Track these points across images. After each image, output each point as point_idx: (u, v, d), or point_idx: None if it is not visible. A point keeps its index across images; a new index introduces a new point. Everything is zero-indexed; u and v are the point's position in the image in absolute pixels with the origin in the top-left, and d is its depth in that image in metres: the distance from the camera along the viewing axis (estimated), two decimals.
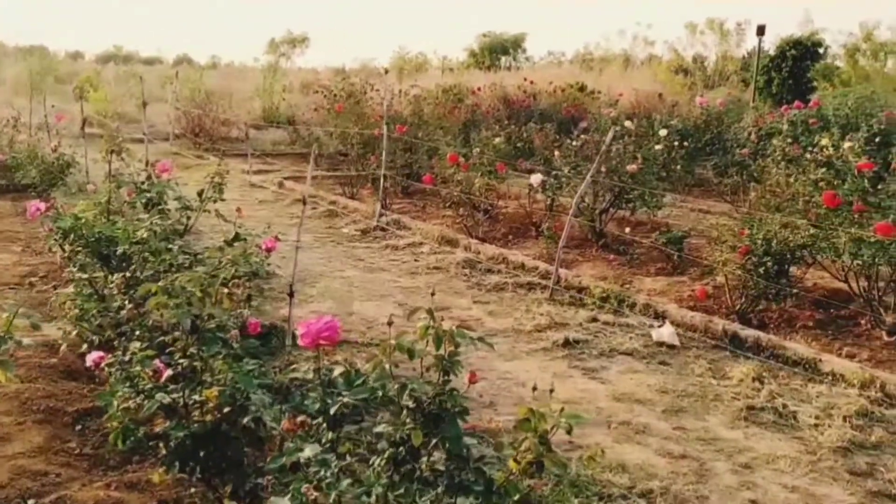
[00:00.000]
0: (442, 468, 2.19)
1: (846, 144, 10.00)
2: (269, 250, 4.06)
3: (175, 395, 2.75)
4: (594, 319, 6.07)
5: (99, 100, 16.24)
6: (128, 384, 2.81)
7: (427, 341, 2.27)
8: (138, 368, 2.83)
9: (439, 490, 2.11)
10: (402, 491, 2.10)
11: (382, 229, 8.88)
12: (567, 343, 5.54)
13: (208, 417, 2.76)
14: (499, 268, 7.48)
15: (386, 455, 2.07)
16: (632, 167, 8.48)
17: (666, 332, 5.66)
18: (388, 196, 10.44)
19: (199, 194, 4.88)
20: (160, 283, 2.79)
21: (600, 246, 8.46)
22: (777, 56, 20.75)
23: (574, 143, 9.39)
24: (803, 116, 13.04)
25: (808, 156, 8.46)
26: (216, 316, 2.71)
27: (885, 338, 5.91)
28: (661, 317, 6.12)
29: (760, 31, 20.09)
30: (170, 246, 3.81)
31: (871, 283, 6.11)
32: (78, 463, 3.61)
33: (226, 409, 2.76)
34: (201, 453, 2.74)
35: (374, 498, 2.08)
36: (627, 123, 11.76)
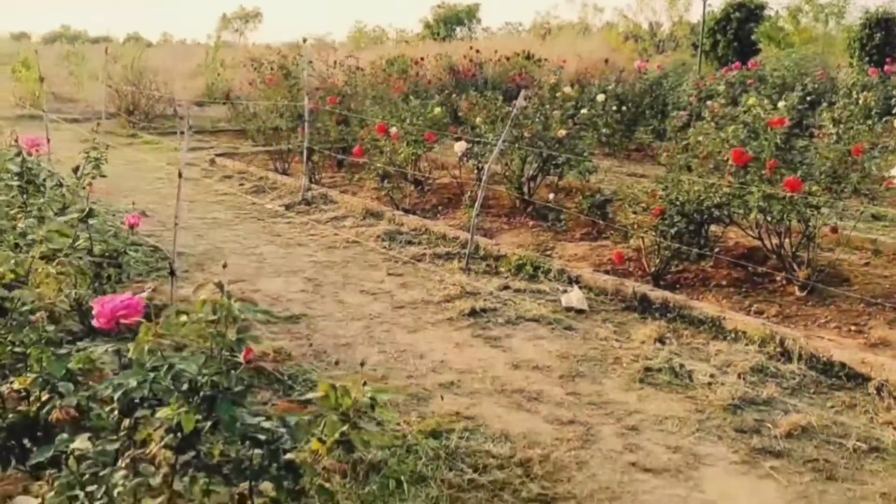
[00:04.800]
0: (236, 453, 2.06)
1: (780, 104, 9.99)
2: (132, 226, 3.88)
3: None
4: (506, 287, 5.97)
5: (31, 79, 15.71)
6: None
7: (220, 318, 2.09)
8: None
9: (227, 476, 1.98)
10: (187, 479, 1.97)
11: (308, 203, 8.70)
12: (474, 312, 5.43)
13: (22, 407, 2.61)
14: (420, 239, 7.35)
15: (163, 442, 1.93)
16: (560, 132, 8.36)
17: (574, 298, 5.58)
18: (320, 170, 10.25)
19: (75, 170, 4.66)
20: None
21: (528, 214, 8.35)
22: (722, 18, 20.69)
23: (507, 109, 9.23)
24: (741, 77, 13.02)
25: (740, 116, 8.42)
26: (25, 298, 2.54)
27: (798, 293, 5.89)
28: (574, 282, 6.04)
29: None
30: (20, 224, 3.61)
31: (782, 240, 6.07)
32: None
33: (44, 397, 2.60)
34: (16, 444, 2.58)
35: (155, 489, 1.95)
36: (567, 89, 11.62)
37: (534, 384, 4.42)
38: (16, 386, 2.66)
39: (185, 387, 1.91)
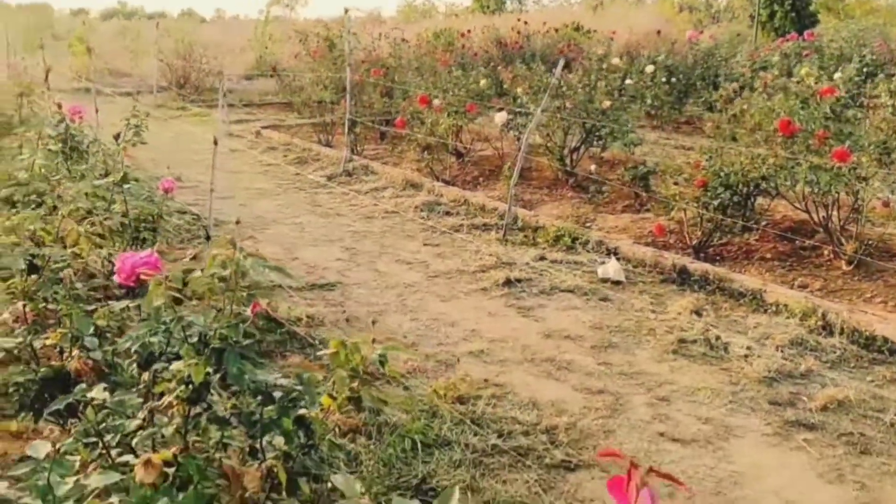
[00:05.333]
0: (247, 407, 2.09)
1: (836, 76, 9.65)
2: (167, 190, 3.95)
3: (19, 340, 2.67)
4: (542, 258, 5.92)
5: (82, 53, 16.09)
6: None
7: (231, 275, 2.10)
8: None
9: (237, 429, 2.01)
10: (199, 432, 2.01)
11: (349, 174, 8.74)
12: (508, 282, 5.41)
13: (54, 362, 2.69)
14: (458, 210, 7.33)
15: (175, 393, 1.97)
16: (605, 103, 8.23)
17: (611, 269, 5.51)
18: (362, 142, 10.27)
19: (116, 137, 4.75)
20: (3, 222, 2.68)
21: (569, 186, 8.25)
22: None
23: (550, 80, 9.10)
24: (797, 48, 12.61)
25: (791, 87, 8.16)
26: (55, 256, 2.61)
27: (845, 267, 5.72)
28: (612, 253, 5.96)
29: None
30: (60, 187, 3.70)
31: (829, 213, 5.89)
32: None
33: (75, 352, 2.68)
34: (49, 397, 2.66)
35: (168, 439, 1.99)
36: (615, 61, 11.42)
37: (565, 353, 4.39)
38: (49, 341, 2.75)
39: (195, 339, 1.94)
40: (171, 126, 11.61)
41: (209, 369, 1.96)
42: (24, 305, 2.66)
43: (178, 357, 2.14)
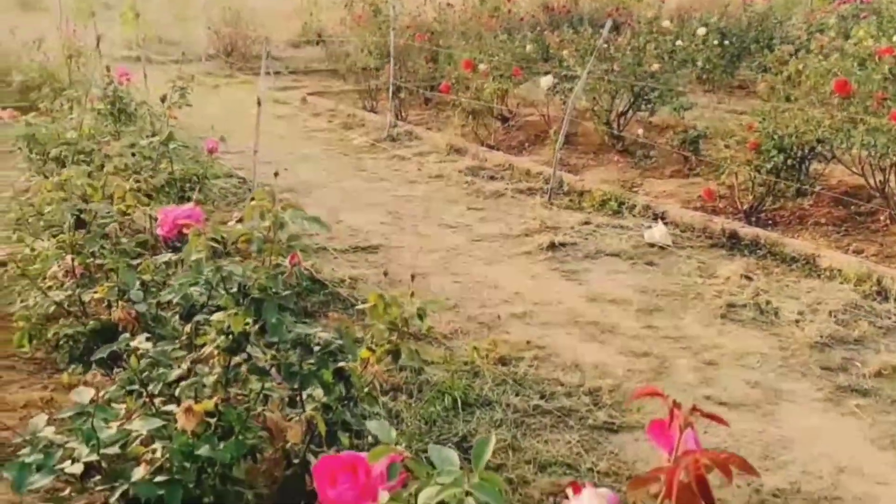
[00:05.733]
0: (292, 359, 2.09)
1: None
2: (211, 151, 3.98)
3: (68, 293, 2.72)
4: (587, 222, 5.84)
5: (132, 21, 16.28)
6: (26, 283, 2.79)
7: (270, 228, 2.08)
8: (38, 266, 2.81)
9: (275, 381, 2.02)
10: (240, 383, 2.02)
11: (393, 140, 8.71)
12: (552, 246, 5.34)
13: (103, 316, 2.74)
14: (503, 175, 7.26)
15: (216, 344, 1.98)
16: (654, 66, 8.04)
17: (658, 233, 5.41)
18: (407, 107, 10.22)
19: (162, 99, 4.79)
20: (52, 179, 2.73)
21: (617, 150, 8.10)
22: None
23: (599, 42, 8.92)
24: (855, 10, 12.13)
25: (848, 49, 7.85)
26: (101, 211, 2.64)
27: None
28: (659, 218, 5.85)
29: None
30: (108, 147, 3.74)
31: (886, 177, 5.68)
32: (24, 367, 3.67)
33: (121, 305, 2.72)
34: (97, 347, 2.71)
35: (208, 389, 2.01)
36: (666, 23, 11.15)
37: (609, 317, 4.33)
38: (97, 295, 2.80)
39: (234, 290, 1.94)
40: (218, 93, 11.70)
41: (248, 320, 1.97)
42: (73, 259, 2.70)
43: (219, 309, 2.16)
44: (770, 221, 5.93)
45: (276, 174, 2.37)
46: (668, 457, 0.94)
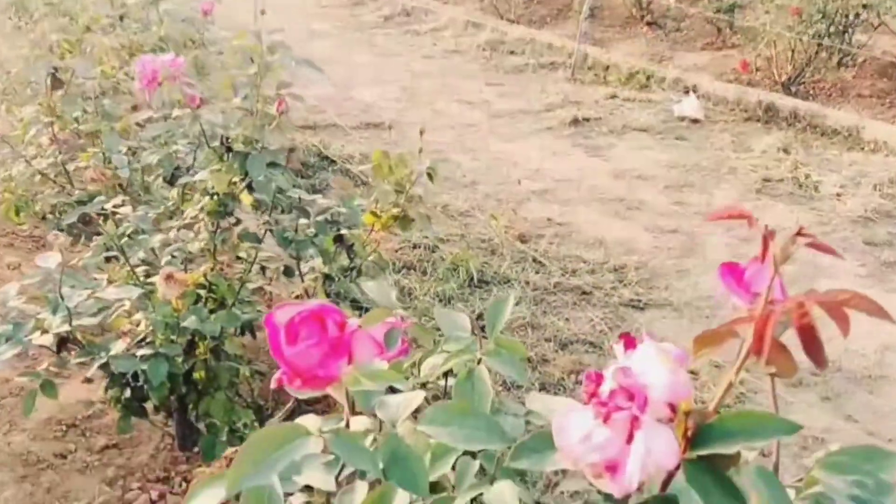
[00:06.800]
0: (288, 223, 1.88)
1: None
2: (206, 13, 3.66)
3: (51, 160, 2.50)
4: (613, 97, 5.48)
5: None
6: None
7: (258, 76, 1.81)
8: (20, 132, 2.58)
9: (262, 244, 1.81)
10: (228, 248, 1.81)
11: (408, 14, 8.24)
12: (576, 122, 5.03)
13: (90, 187, 2.52)
14: (523, 49, 6.84)
15: (201, 205, 1.76)
16: None
17: (689, 106, 5.06)
18: None
19: None
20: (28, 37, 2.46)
21: (646, 23, 7.61)
22: None
23: None
24: None
25: None
26: (80, 70, 2.37)
27: None
28: (690, 91, 5.48)
29: None
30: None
31: None
32: (23, 244, 3.51)
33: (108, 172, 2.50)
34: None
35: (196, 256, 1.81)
36: None
37: (635, 193, 4.07)
38: (81, 163, 2.57)
39: (216, 143, 1.70)
40: None
41: (234, 178, 1.74)
42: (52, 124, 2.47)
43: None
44: (810, 93, 5.55)
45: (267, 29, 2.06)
46: (748, 307, 0.71)
